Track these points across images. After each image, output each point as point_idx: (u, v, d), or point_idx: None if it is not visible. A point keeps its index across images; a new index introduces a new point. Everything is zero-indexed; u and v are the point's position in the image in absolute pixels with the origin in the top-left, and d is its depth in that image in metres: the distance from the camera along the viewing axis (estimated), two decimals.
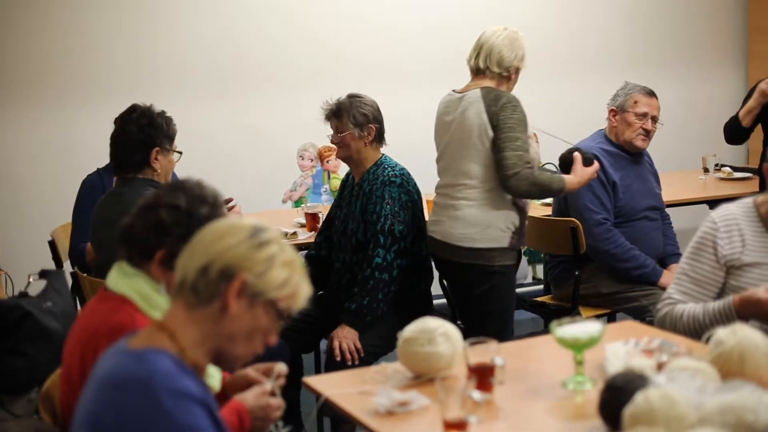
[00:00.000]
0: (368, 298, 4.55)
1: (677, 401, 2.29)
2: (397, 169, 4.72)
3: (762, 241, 3.43)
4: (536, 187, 4.40)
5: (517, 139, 4.36)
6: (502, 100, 4.41)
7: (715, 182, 6.82)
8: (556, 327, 2.84)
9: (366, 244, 4.64)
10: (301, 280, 2.33)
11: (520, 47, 4.55)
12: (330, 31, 7.18)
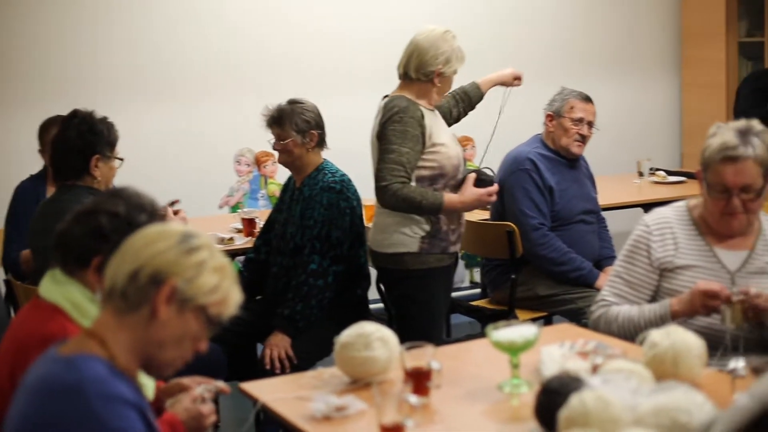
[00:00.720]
0: (302, 304, 4.54)
1: (612, 403, 2.31)
2: (337, 175, 4.70)
3: (695, 244, 3.46)
4: (405, 203, 4.31)
5: (392, 152, 4.31)
6: (392, 111, 4.36)
7: (650, 186, 6.90)
8: (491, 330, 2.85)
9: (302, 249, 4.63)
10: (231, 286, 2.31)
11: (444, 50, 4.44)
12: (270, 36, 7.15)
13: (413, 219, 4.41)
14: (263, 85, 6.95)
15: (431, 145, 4.38)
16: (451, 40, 4.48)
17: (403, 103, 4.38)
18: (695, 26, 8.44)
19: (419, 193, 4.32)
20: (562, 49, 8.12)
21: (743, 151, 3.29)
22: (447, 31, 4.51)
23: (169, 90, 6.91)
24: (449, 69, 4.46)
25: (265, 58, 7.13)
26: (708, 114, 7.71)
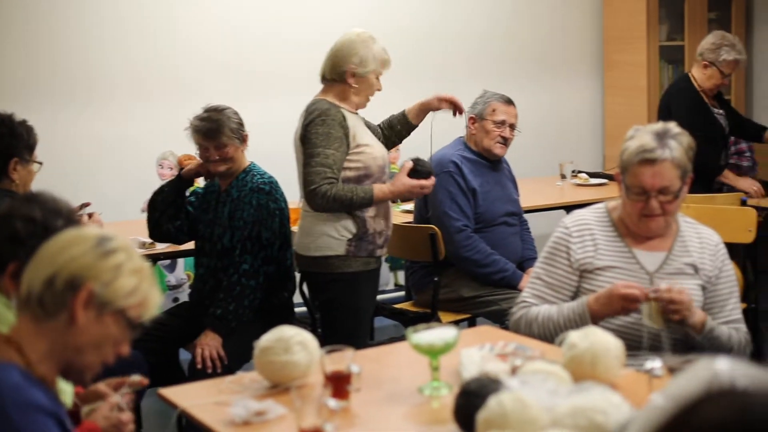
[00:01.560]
0: (234, 304, 4.53)
1: (529, 404, 2.32)
2: (266, 177, 4.70)
3: (614, 245, 3.50)
4: (336, 203, 4.32)
5: (317, 155, 4.32)
6: (314, 114, 4.38)
7: (572, 188, 6.96)
8: (411, 333, 2.85)
9: (231, 250, 4.61)
10: (150, 288, 2.29)
11: (358, 50, 4.45)
12: (194, 38, 7.09)
13: (339, 222, 4.41)
14: (186, 89, 6.90)
15: (355, 146, 4.39)
16: (369, 42, 4.48)
17: (324, 105, 4.39)
18: (617, 30, 8.54)
19: (349, 189, 4.34)
20: (486, 52, 8.16)
21: (661, 153, 3.33)
22: (363, 33, 4.52)
23: (90, 93, 6.82)
24: (363, 69, 4.46)
25: (188, 60, 7.07)
26: (630, 117, 7.80)
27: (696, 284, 3.48)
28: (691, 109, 6.52)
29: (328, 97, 4.46)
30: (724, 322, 3.47)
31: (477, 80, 6.97)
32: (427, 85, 7.79)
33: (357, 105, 4.52)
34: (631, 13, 8.35)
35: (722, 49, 6.47)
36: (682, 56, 8.50)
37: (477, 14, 8.13)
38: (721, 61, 6.46)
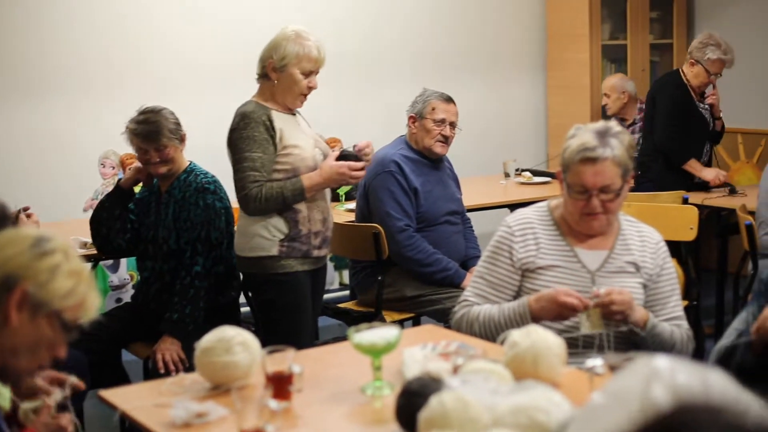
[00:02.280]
0: (190, 306, 4.51)
1: (471, 404, 2.32)
2: (209, 176, 4.69)
3: (556, 244, 3.51)
4: (269, 203, 4.31)
5: (244, 159, 4.30)
6: (237, 118, 4.37)
7: (516, 186, 6.99)
8: (353, 333, 2.84)
9: (178, 252, 4.58)
10: (88, 291, 2.26)
11: (280, 45, 4.39)
12: (134, 34, 7.01)
13: (271, 222, 4.38)
14: (128, 87, 6.83)
15: (283, 147, 4.36)
16: (296, 38, 4.41)
17: (249, 108, 4.37)
18: (559, 29, 8.58)
19: (279, 186, 4.32)
20: (430, 51, 8.16)
21: (602, 152, 3.34)
22: (295, 29, 4.45)
23: (30, 88, 6.71)
24: (281, 63, 4.38)
25: (130, 57, 6.99)
26: (572, 115, 7.86)
27: (637, 282, 3.50)
28: (675, 100, 6.79)
29: (258, 98, 4.44)
30: (665, 320, 3.50)
31: (420, 78, 6.97)
32: (370, 83, 7.83)
33: (288, 104, 4.47)
34: (574, 12, 8.39)
35: (708, 48, 6.71)
36: (625, 55, 8.58)
37: (420, 12, 8.13)
38: (706, 59, 6.70)
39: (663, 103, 6.87)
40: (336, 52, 7.52)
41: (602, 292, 3.27)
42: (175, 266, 4.62)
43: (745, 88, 8.27)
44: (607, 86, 7.67)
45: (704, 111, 6.84)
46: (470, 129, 7.99)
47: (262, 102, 4.41)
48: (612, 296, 3.25)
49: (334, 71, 7.50)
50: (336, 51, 7.52)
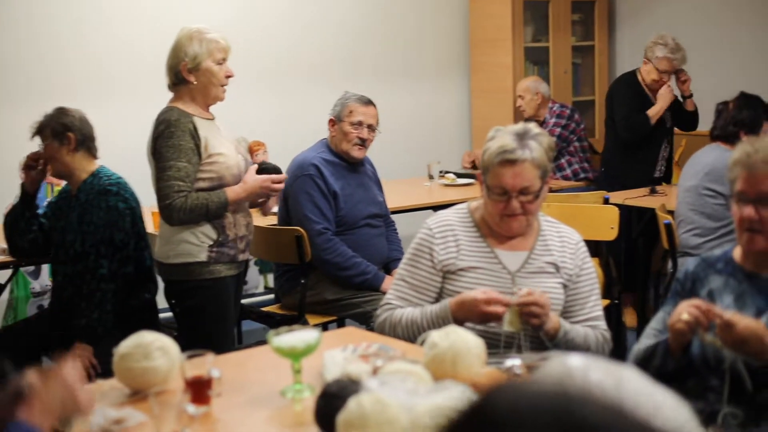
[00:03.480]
0: (98, 311, 4.46)
1: (389, 405, 2.32)
2: (113, 178, 4.63)
3: (476, 246, 3.52)
4: (193, 213, 4.28)
5: (169, 168, 4.25)
6: (162, 125, 4.30)
7: (440, 188, 7.02)
8: (272, 336, 2.83)
9: (84, 255, 4.53)
10: None
11: (184, 47, 4.34)
12: (61, 39, 6.93)
13: (199, 228, 4.34)
14: (51, 91, 6.74)
15: (208, 156, 4.31)
16: (197, 35, 4.36)
17: (173, 115, 4.30)
18: (482, 32, 8.64)
19: (203, 197, 4.28)
20: (355, 55, 8.18)
21: (521, 154, 3.36)
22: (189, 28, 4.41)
23: None
24: (195, 62, 4.34)
25: (56, 61, 6.91)
26: (496, 118, 7.88)
27: (557, 283, 3.53)
28: (629, 98, 7.02)
29: (178, 104, 4.37)
30: (584, 320, 3.53)
31: (346, 82, 6.98)
32: (297, 86, 7.81)
33: (211, 101, 4.42)
34: (497, 15, 8.46)
35: (656, 47, 6.96)
36: (547, 57, 8.66)
37: (345, 17, 8.14)
38: (654, 58, 6.94)
39: (618, 102, 7.08)
40: (261, 55, 7.53)
41: (524, 291, 3.29)
42: (82, 270, 4.57)
43: None
44: (522, 88, 7.75)
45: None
46: (395, 132, 8.03)
47: (182, 108, 4.35)
48: (534, 297, 3.27)
49: (259, 74, 7.51)
50: (261, 54, 7.53)
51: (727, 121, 5.69)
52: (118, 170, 4.75)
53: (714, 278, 3.16)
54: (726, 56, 8.22)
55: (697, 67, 8.31)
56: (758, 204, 2.98)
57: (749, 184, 3.00)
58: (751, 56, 8.07)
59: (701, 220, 5.50)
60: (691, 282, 3.20)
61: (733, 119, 5.66)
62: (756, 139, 3.06)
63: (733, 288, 3.11)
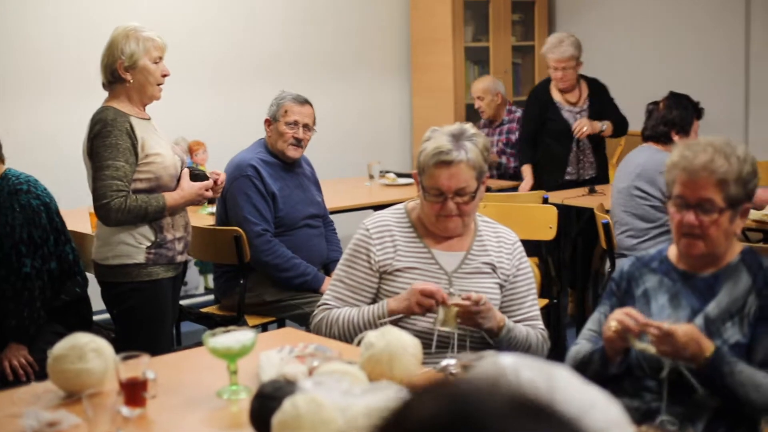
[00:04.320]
0: (27, 309, 4.42)
1: (323, 405, 2.33)
2: (21, 177, 4.56)
3: (413, 246, 3.53)
4: (131, 215, 4.23)
5: (107, 168, 4.20)
6: (99, 125, 4.24)
7: (380, 188, 7.02)
8: (208, 338, 2.83)
9: (6, 258, 4.47)
10: None
11: (120, 45, 4.26)
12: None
13: (137, 229, 4.31)
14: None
15: (144, 156, 4.27)
16: (133, 33, 4.30)
17: (109, 115, 4.25)
18: (423, 31, 8.67)
19: (142, 200, 4.24)
20: (295, 53, 8.16)
21: (456, 155, 3.37)
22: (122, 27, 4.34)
23: None
24: (132, 60, 4.28)
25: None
26: (436, 117, 7.91)
27: (494, 283, 3.55)
28: (531, 101, 7.19)
29: (113, 103, 4.32)
30: (521, 320, 3.55)
31: (286, 81, 6.96)
32: (237, 85, 7.78)
33: (147, 100, 4.38)
34: (437, 15, 8.48)
35: (547, 45, 7.08)
36: (487, 57, 8.70)
37: (286, 15, 8.12)
38: (547, 56, 7.04)
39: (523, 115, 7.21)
40: (200, 55, 7.50)
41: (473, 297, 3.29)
42: (6, 272, 4.51)
43: None
44: (480, 89, 7.74)
45: (569, 113, 7.02)
46: (336, 131, 8.03)
47: (118, 107, 4.30)
48: (470, 306, 3.28)
49: (198, 74, 7.48)
50: (200, 54, 7.50)
51: (657, 121, 5.70)
52: (60, 169, 4.71)
53: (649, 277, 3.19)
54: (664, 56, 8.31)
55: (636, 67, 8.42)
56: (698, 209, 3.01)
57: (690, 189, 3.01)
58: (688, 56, 8.17)
59: (634, 221, 5.54)
60: (626, 282, 3.23)
61: (663, 119, 5.67)
62: (694, 142, 3.08)
63: (668, 287, 3.14)
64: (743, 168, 3.01)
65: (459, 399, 1.14)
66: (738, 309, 3.02)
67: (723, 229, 3.02)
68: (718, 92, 7.94)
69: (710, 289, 3.07)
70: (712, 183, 2.98)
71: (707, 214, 3.00)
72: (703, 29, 8.06)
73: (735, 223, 3.05)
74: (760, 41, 7.71)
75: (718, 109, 7.86)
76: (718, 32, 7.95)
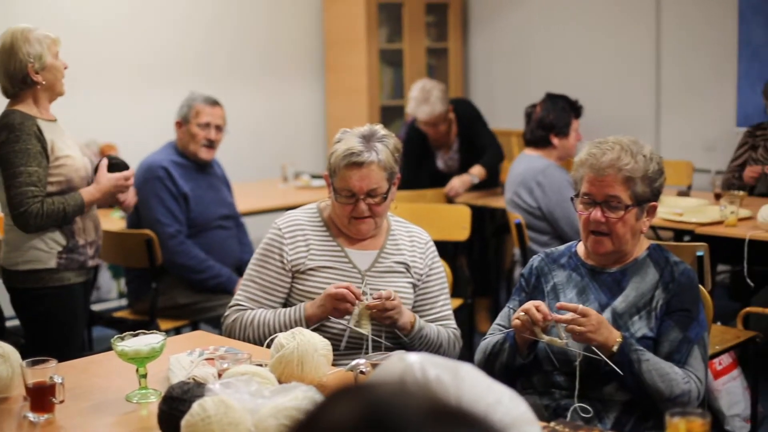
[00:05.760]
0: None
1: (232, 407, 2.32)
2: None
3: (326, 245, 3.54)
4: (50, 219, 4.15)
5: (20, 174, 4.10)
6: (3, 133, 4.14)
7: (294, 190, 7.01)
8: (116, 342, 2.81)
9: None
10: None
11: (26, 46, 4.15)
12: None
13: (47, 234, 4.23)
14: None
15: (55, 159, 4.18)
16: (27, 34, 4.19)
17: (16, 119, 4.14)
18: (337, 33, 8.67)
19: (59, 202, 4.16)
20: (208, 55, 8.11)
21: (368, 156, 3.39)
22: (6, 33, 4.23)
23: None
24: (42, 61, 4.19)
25: None
26: (350, 119, 7.93)
27: (407, 282, 3.57)
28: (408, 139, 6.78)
29: (19, 107, 4.20)
30: (434, 319, 3.57)
31: (198, 83, 6.94)
32: (149, 87, 7.72)
33: (55, 96, 4.28)
34: (351, 17, 8.50)
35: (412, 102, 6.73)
36: (401, 59, 8.73)
37: (198, 15, 8.07)
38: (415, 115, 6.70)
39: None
40: (111, 57, 7.42)
41: (383, 294, 3.31)
42: None
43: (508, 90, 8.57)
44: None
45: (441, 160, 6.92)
46: (250, 133, 8.00)
47: (24, 110, 4.20)
48: (382, 303, 3.30)
49: (110, 76, 7.41)
50: (110, 54, 7.42)
51: (535, 125, 5.70)
52: None
53: (558, 273, 3.24)
54: (577, 58, 8.41)
55: (548, 69, 8.51)
56: (605, 207, 3.08)
57: (596, 186, 3.09)
58: (600, 58, 8.27)
59: (530, 233, 5.58)
60: (536, 277, 3.28)
61: (540, 122, 5.68)
62: (602, 141, 3.15)
63: (576, 282, 3.19)
64: (649, 166, 3.09)
65: (373, 404, 1.15)
66: (645, 303, 3.08)
67: (629, 226, 3.09)
68: (631, 93, 8.07)
69: (618, 284, 3.14)
70: (619, 181, 3.06)
71: (614, 211, 3.07)
72: (615, 31, 8.17)
73: (641, 220, 3.12)
74: (671, 42, 7.83)
75: (630, 109, 8.00)
76: (630, 33, 8.07)
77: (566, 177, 5.39)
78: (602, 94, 8.13)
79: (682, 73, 7.81)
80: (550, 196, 5.41)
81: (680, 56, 7.80)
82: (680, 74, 7.83)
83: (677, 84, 7.85)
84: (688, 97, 7.79)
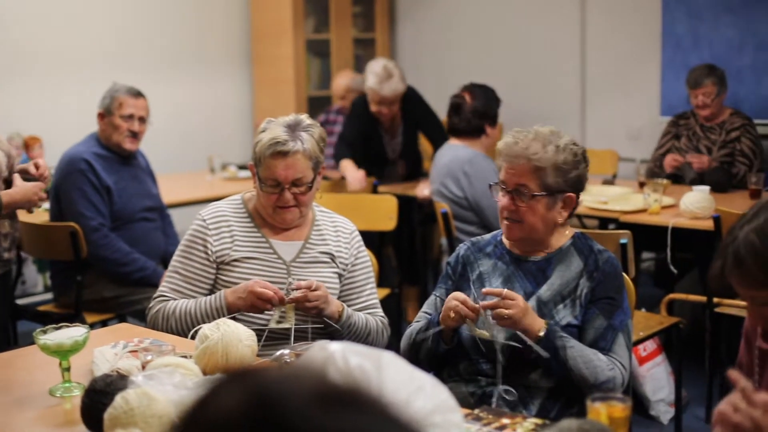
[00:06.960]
0: None
1: (155, 399, 2.32)
2: None
3: (251, 236, 3.53)
4: None
5: None
6: None
7: (221, 182, 6.98)
8: (38, 335, 2.78)
9: None
10: None
11: None
12: None
13: None
14: None
15: None
16: None
17: None
18: (264, 24, 8.65)
19: None
20: (132, 45, 8.03)
21: (292, 145, 3.39)
22: None
23: None
24: None
25: None
26: (278, 110, 7.88)
27: (333, 272, 3.57)
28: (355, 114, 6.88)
29: None
30: (361, 308, 3.59)
31: (122, 73, 6.85)
32: (72, 78, 7.64)
33: None
34: (278, 7, 8.48)
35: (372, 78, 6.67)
36: (328, 49, 8.73)
37: (123, 6, 7.99)
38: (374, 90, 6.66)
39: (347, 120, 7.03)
40: (34, 48, 7.33)
41: (303, 284, 3.32)
42: None
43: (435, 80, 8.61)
44: (342, 88, 7.74)
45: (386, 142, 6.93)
46: (175, 125, 7.96)
47: None
48: (306, 294, 3.31)
49: (32, 67, 7.32)
50: (34, 46, 7.33)
51: (470, 114, 5.61)
52: None
53: (484, 261, 3.28)
54: (504, 47, 8.47)
55: (476, 59, 8.56)
56: (515, 194, 3.13)
57: (509, 174, 3.16)
58: (527, 47, 8.34)
59: (457, 223, 5.59)
60: (462, 265, 3.31)
61: (476, 112, 5.60)
62: (521, 130, 3.20)
63: (502, 271, 3.23)
64: (559, 157, 3.13)
65: (260, 389, 1.14)
66: (570, 291, 3.13)
67: (540, 216, 3.15)
68: (556, 82, 8.14)
69: (542, 273, 3.19)
70: (528, 170, 3.12)
71: (522, 199, 3.13)
72: (540, 20, 8.24)
73: (555, 210, 3.17)
74: (596, 32, 7.91)
75: (555, 98, 8.08)
76: (555, 23, 8.14)
77: (493, 167, 5.40)
78: (528, 84, 8.20)
79: (607, 62, 7.90)
80: (476, 186, 5.43)
81: (605, 46, 7.89)
82: (605, 64, 7.91)
83: (602, 73, 7.94)
84: (613, 87, 7.88)
